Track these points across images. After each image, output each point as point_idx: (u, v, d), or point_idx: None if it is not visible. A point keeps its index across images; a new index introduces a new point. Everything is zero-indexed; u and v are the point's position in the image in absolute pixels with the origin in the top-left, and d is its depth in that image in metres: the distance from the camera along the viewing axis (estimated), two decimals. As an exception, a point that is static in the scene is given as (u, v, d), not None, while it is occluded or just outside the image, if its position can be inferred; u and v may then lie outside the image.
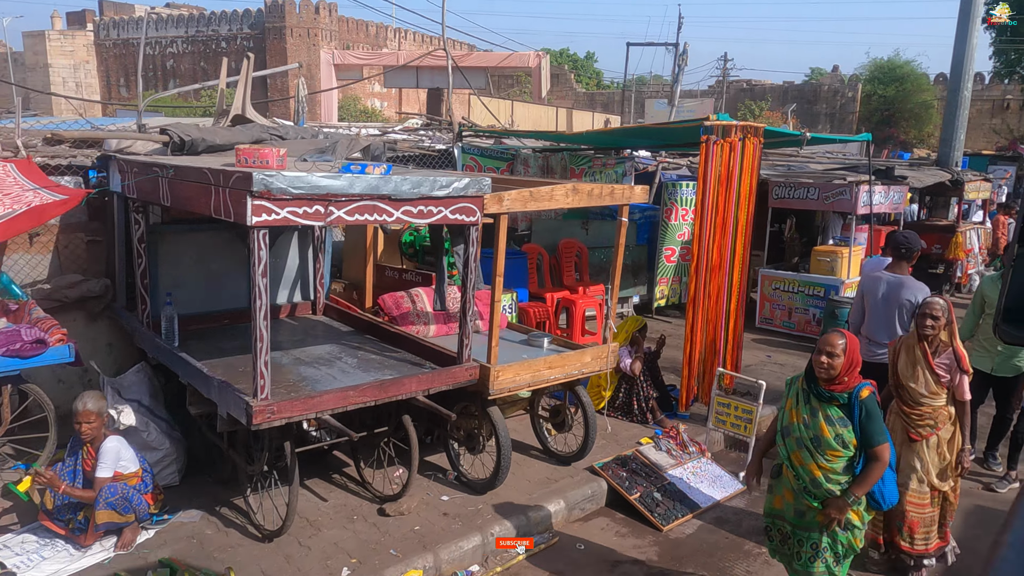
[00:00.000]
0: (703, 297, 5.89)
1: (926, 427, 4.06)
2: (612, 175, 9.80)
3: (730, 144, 5.76)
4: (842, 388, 3.24)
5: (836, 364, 3.20)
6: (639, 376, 6.04)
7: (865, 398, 3.20)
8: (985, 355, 5.37)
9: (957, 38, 12.92)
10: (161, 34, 54.35)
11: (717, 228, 5.88)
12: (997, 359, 5.32)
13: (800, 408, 3.33)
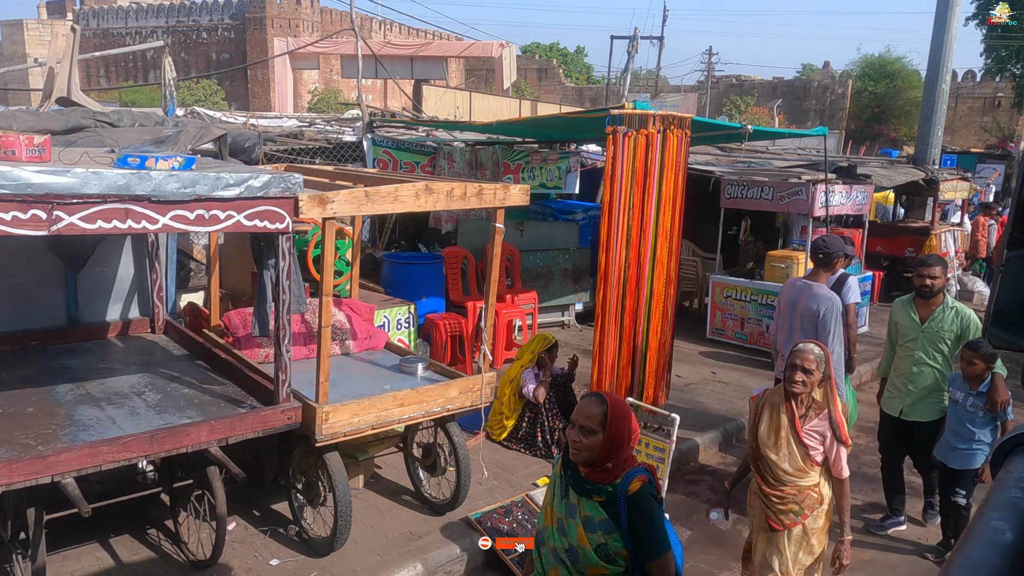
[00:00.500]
0: (615, 312, 5.10)
1: (789, 513, 3.13)
2: (554, 171, 9.00)
3: (646, 136, 4.96)
4: (604, 478, 2.22)
5: (592, 444, 2.19)
6: (544, 404, 5.25)
7: (635, 493, 2.19)
8: (896, 395, 4.61)
9: (935, 28, 12.14)
10: (141, 24, 53.39)
11: (633, 233, 5.09)
12: (907, 400, 4.53)
13: (556, 504, 2.32)
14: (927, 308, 4.41)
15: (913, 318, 4.44)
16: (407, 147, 7.54)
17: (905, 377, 4.50)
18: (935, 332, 4.38)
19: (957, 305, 4.40)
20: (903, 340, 4.50)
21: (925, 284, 4.33)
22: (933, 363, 4.39)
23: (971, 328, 4.30)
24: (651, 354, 5.48)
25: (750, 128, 5.97)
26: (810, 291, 4.47)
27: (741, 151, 12.42)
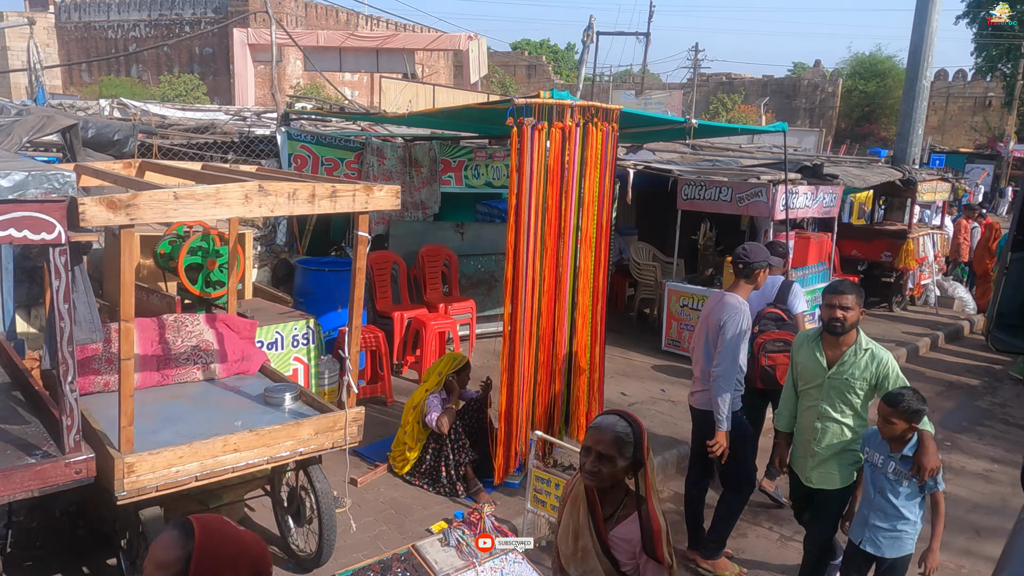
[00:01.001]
0: (529, 330, 4.46)
1: None
2: (502, 168, 8.36)
3: (563, 130, 4.32)
4: None
5: None
6: (449, 434, 4.61)
7: None
8: (800, 455, 3.67)
9: (916, 22, 11.55)
10: (123, 17, 52.53)
11: (548, 239, 4.45)
12: (811, 463, 3.55)
13: None
14: (836, 348, 3.48)
15: (819, 360, 3.50)
16: (329, 142, 6.88)
17: (808, 433, 3.58)
18: (844, 380, 3.43)
19: (873, 346, 3.47)
20: (805, 386, 3.59)
21: (835, 317, 3.39)
22: (841, 417, 3.47)
23: (890, 375, 3.39)
24: (578, 376, 4.85)
25: (694, 123, 5.35)
26: (720, 301, 3.97)
27: (712, 149, 11.79)
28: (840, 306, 3.39)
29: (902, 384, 3.33)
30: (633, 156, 9.68)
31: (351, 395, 3.55)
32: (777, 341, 4.84)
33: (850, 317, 3.39)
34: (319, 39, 15.54)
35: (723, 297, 4.00)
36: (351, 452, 5.18)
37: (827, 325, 3.43)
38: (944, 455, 6.12)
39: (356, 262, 3.41)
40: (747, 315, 3.92)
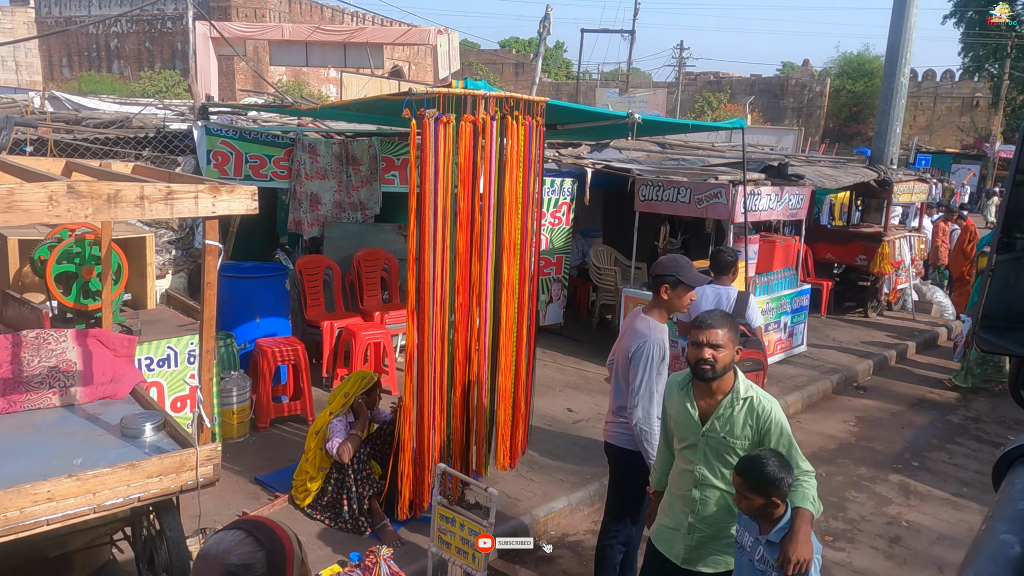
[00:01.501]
0: (439, 350, 3.98)
1: None
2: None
3: (474, 124, 3.85)
4: None
5: None
6: (352, 463, 4.13)
7: None
8: (673, 527, 2.86)
9: (894, 17, 11.14)
10: (104, 12, 51.79)
11: (461, 247, 3.97)
12: (689, 540, 2.79)
13: None
14: (710, 397, 2.72)
15: (690, 412, 2.75)
16: (255, 137, 6.38)
17: (686, 502, 2.79)
18: (721, 438, 2.69)
19: (755, 393, 2.70)
20: (680, 444, 2.83)
21: (703, 359, 2.62)
22: (724, 484, 2.71)
23: (772, 431, 2.63)
24: (502, 399, 4.37)
25: (638, 118, 4.88)
26: (631, 325, 3.45)
27: (684, 147, 11.35)
28: (709, 343, 2.61)
29: (786, 443, 2.66)
30: (597, 154, 9.23)
31: (203, 430, 3.06)
32: (747, 361, 4.57)
33: (722, 358, 2.62)
34: (284, 32, 15.00)
35: (633, 321, 3.45)
36: (253, 480, 4.72)
37: (694, 369, 2.67)
38: (910, 478, 5.69)
39: (205, 275, 2.92)
40: (659, 342, 3.35)
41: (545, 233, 8.01)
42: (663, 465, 3.05)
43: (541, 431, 5.75)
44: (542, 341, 8.04)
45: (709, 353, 2.61)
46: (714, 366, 2.62)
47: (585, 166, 8.01)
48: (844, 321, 10.04)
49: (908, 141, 34.21)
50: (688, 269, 3.38)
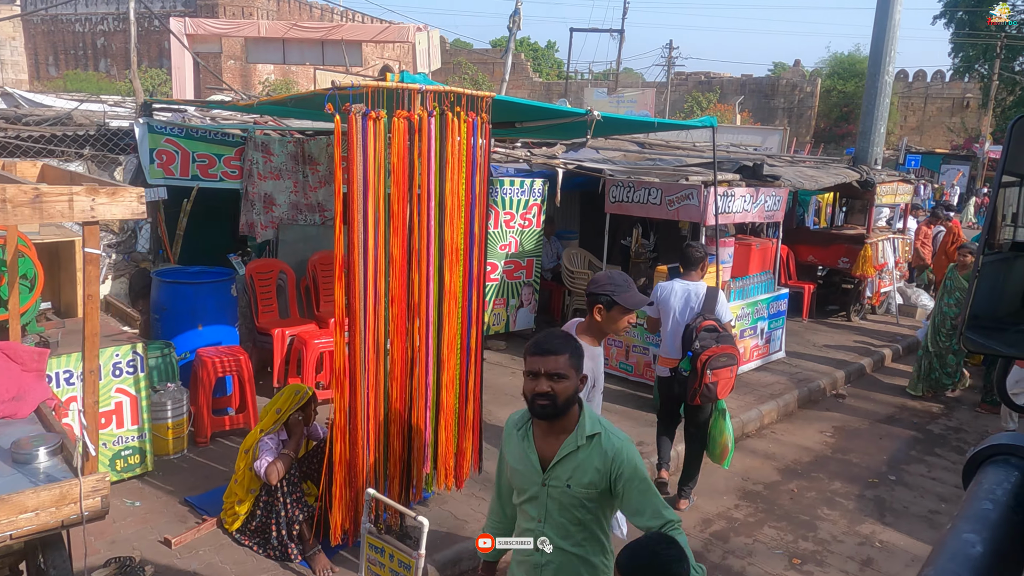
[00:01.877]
0: (372, 366, 3.69)
1: None
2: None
3: (408, 120, 3.56)
4: None
5: None
6: (280, 485, 3.84)
7: None
8: None
9: (877, 14, 10.91)
10: (91, 10, 51.30)
11: (396, 254, 3.69)
12: None
13: None
14: (552, 437, 2.22)
15: (530, 459, 2.24)
16: (203, 136, 6.08)
17: (529, 570, 2.29)
18: (563, 489, 2.19)
19: (603, 429, 2.21)
20: (519, 498, 2.31)
21: (541, 393, 2.12)
22: (573, 547, 2.23)
23: (624, 474, 2.15)
24: (444, 418, 4.08)
25: (597, 115, 4.59)
26: None
27: (664, 147, 11.09)
28: (548, 373, 2.11)
29: (642, 488, 2.15)
30: (573, 154, 8.96)
31: (89, 459, 2.76)
32: (722, 356, 4.61)
33: (563, 390, 2.12)
34: (261, 30, 14.68)
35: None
36: (182, 501, 4.42)
37: (531, 406, 2.17)
38: (886, 493, 5.43)
39: (86, 287, 2.62)
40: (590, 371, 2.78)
41: (515, 236, 7.74)
42: (495, 524, 2.49)
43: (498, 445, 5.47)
44: (512, 347, 7.78)
45: (548, 385, 2.11)
46: (555, 401, 2.12)
47: (556, 166, 7.73)
48: (826, 325, 9.79)
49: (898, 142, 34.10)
50: (626, 288, 3.06)
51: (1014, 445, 0.82)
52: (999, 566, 0.67)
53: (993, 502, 0.73)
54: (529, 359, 2.17)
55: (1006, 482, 0.77)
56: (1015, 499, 0.74)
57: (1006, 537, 0.70)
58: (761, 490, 5.37)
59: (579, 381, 2.18)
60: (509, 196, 7.56)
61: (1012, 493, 0.75)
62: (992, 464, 0.81)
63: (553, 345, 2.17)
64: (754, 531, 4.79)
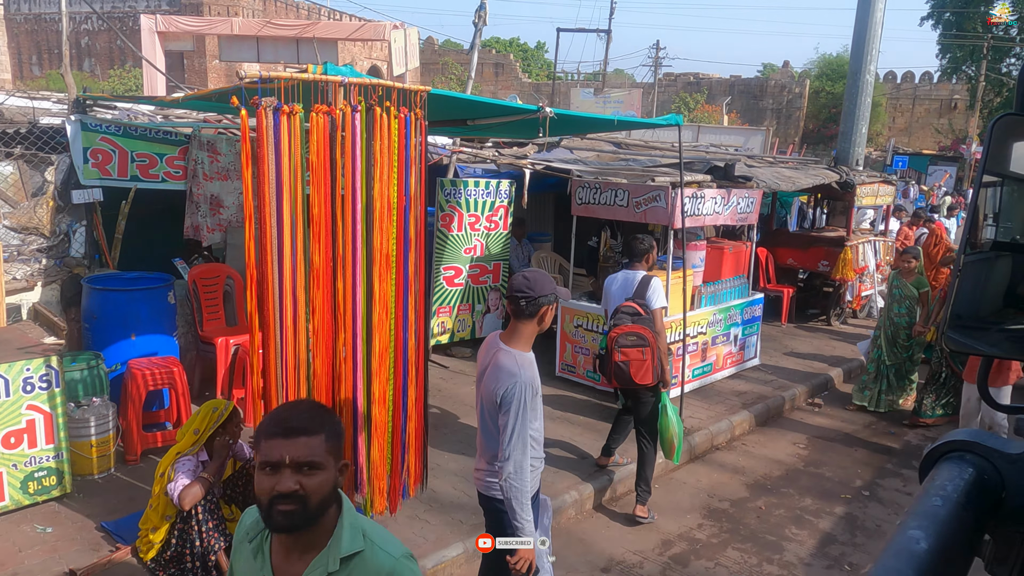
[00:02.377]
0: (292, 378, 3.39)
1: None
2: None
3: (330, 116, 3.27)
4: None
5: None
6: (196, 511, 3.54)
7: None
8: None
9: (859, 11, 10.69)
10: (75, 9, 50.75)
11: (318, 260, 3.39)
12: None
13: None
14: (296, 558, 1.56)
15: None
16: (143, 134, 5.76)
17: None
18: None
19: (371, 540, 1.59)
20: None
21: (282, 495, 1.46)
22: None
23: None
24: (376, 436, 3.78)
25: (549, 112, 4.31)
26: (494, 362, 2.85)
27: (640, 147, 10.82)
28: (295, 463, 1.48)
29: None
30: (545, 154, 8.68)
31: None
32: (631, 335, 4.57)
33: (318, 487, 1.50)
34: (233, 27, 14.34)
35: (496, 356, 2.85)
36: (99, 527, 4.11)
37: (268, 514, 1.49)
38: (859, 510, 5.16)
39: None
40: (530, 380, 2.78)
41: (480, 239, 7.45)
42: None
43: (455, 459, 5.19)
44: (468, 353, 7.48)
45: (295, 481, 1.47)
46: (305, 504, 1.48)
47: (523, 166, 7.45)
48: (805, 330, 9.54)
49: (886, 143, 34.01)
50: (550, 282, 2.91)
51: (970, 441, 0.80)
52: (944, 562, 0.65)
53: (943, 498, 0.73)
54: (265, 444, 1.50)
55: (958, 478, 0.76)
56: (965, 496, 0.73)
57: (953, 533, 0.69)
58: (727, 507, 5.09)
59: (339, 471, 1.56)
60: (474, 197, 7.27)
61: (963, 490, 0.74)
62: (947, 460, 0.80)
63: (302, 421, 1.53)
64: (717, 553, 4.51)
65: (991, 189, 1.10)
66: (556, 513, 4.46)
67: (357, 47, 38.93)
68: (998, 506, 0.76)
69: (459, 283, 7.39)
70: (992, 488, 0.77)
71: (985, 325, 1.07)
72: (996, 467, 0.78)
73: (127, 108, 6.96)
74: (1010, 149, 1.04)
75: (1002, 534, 0.77)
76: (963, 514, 0.71)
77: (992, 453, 0.79)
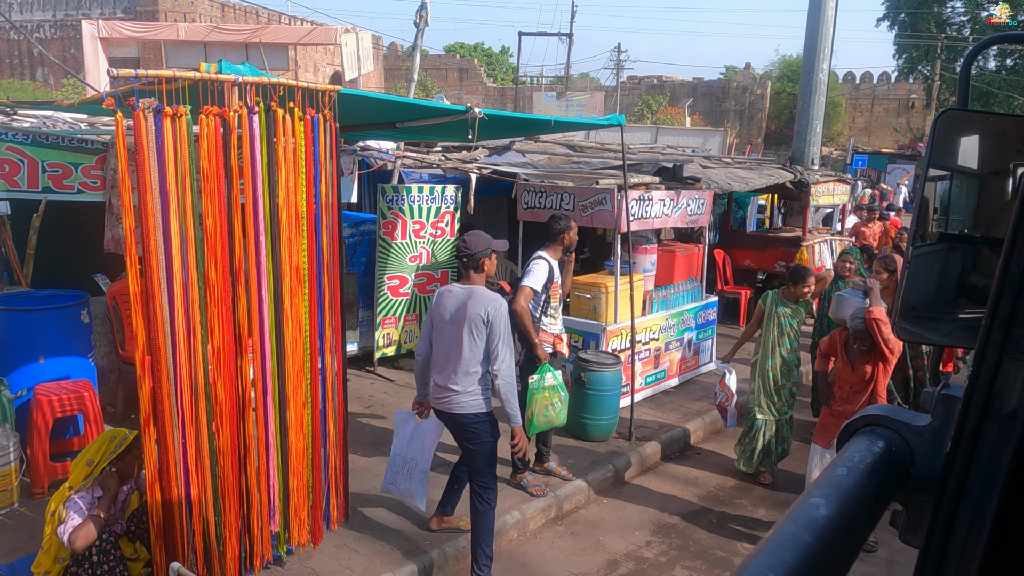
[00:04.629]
0: (190, 406, 3.11)
1: None
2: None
3: (221, 118, 3.00)
4: None
5: None
6: (92, 553, 3.23)
7: None
8: None
9: (810, 10, 10.66)
10: (26, 18, 49.52)
11: (214, 273, 3.11)
12: None
13: None
14: None
15: None
16: (55, 143, 5.41)
17: None
18: None
19: None
20: None
21: None
22: None
23: None
24: (295, 463, 3.51)
25: (478, 112, 4.09)
26: (473, 295, 3.67)
27: (596, 150, 10.66)
28: None
29: None
30: (497, 158, 8.47)
31: None
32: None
33: None
34: (179, 32, 13.91)
35: (474, 291, 3.67)
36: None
37: None
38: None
39: None
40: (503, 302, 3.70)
41: (426, 246, 7.19)
42: None
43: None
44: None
45: None
46: None
47: (469, 171, 7.22)
48: (764, 332, 9.42)
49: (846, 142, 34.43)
50: (484, 240, 3.75)
51: (881, 416, 0.83)
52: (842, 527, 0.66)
53: (848, 468, 0.74)
54: None
55: (867, 450, 0.78)
56: (871, 466, 0.75)
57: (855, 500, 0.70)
58: (677, 523, 4.89)
59: None
60: (418, 204, 7.01)
61: (868, 460, 0.76)
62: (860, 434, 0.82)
63: None
64: (664, 573, 4.30)
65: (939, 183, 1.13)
66: (497, 535, 4.22)
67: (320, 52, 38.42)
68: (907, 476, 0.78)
69: (405, 292, 7.12)
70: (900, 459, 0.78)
71: (938, 315, 1.08)
72: (905, 439, 0.80)
73: (47, 116, 6.60)
74: (956, 144, 1.06)
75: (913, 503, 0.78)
76: (866, 482, 0.72)
77: (901, 426, 0.81)
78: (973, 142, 1.11)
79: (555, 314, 4.96)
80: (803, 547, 0.62)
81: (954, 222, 1.16)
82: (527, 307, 4.65)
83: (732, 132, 29.46)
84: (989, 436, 0.68)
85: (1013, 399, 0.67)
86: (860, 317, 4.43)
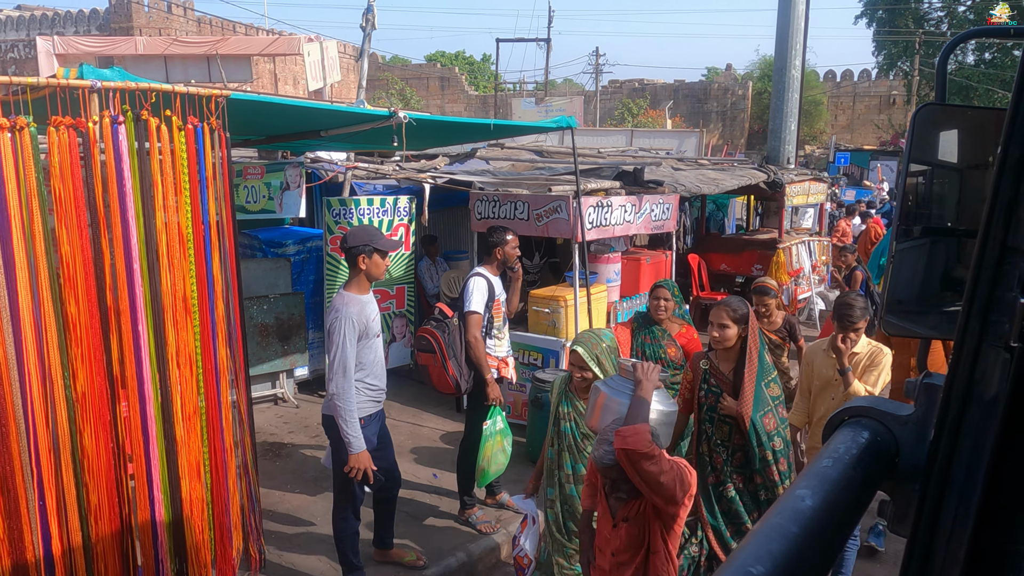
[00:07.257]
0: (48, 462, 2.69)
1: None
2: (261, 188, 6.63)
3: (77, 130, 2.60)
4: None
5: None
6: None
7: None
8: None
9: (780, 6, 10.36)
10: (2, 38, 49.00)
11: (74, 308, 2.70)
12: None
13: None
14: None
15: None
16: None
17: None
18: None
19: None
20: None
21: None
22: None
23: None
24: (194, 514, 3.09)
25: (403, 117, 3.70)
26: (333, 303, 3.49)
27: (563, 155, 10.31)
28: None
29: None
30: (459, 165, 8.09)
31: None
32: (422, 338, 4.28)
33: None
34: (138, 47, 13.50)
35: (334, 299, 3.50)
36: None
37: None
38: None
39: None
40: (351, 316, 3.30)
41: (378, 261, 6.80)
42: None
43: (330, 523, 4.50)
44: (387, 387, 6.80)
45: None
46: None
47: (423, 180, 6.84)
48: (742, 339, 9.07)
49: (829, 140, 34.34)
50: (381, 236, 3.49)
51: (865, 407, 0.84)
52: (828, 517, 0.68)
53: (834, 460, 0.75)
54: None
55: (851, 441, 0.79)
56: (856, 457, 0.76)
57: (840, 491, 0.71)
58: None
59: None
60: (368, 217, 6.62)
61: (853, 451, 0.77)
62: (845, 425, 0.83)
63: None
64: None
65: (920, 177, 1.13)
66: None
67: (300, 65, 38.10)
68: (893, 466, 0.79)
69: (357, 311, 6.72)
70: (885, 449, 0.79)
71: (925, 309, 1.10)
72: (889, 429, 0.81)
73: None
74: (935, 138, 1.08)
75: (900, 493, 0.79)
76: (852, 473, 0.73)
77: (885, 416, 0.81)
78: (952, 136, 1.12)
79: (499, 335, 4.55)
80: (790, 538, 0.63)
81: (936, 216, 1.15)
82: (479, 335, 4.24)
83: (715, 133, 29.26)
84: (971, 423, 0.68)
85: (993, 385, 0.65)
86: (608, 444, 2.28)
